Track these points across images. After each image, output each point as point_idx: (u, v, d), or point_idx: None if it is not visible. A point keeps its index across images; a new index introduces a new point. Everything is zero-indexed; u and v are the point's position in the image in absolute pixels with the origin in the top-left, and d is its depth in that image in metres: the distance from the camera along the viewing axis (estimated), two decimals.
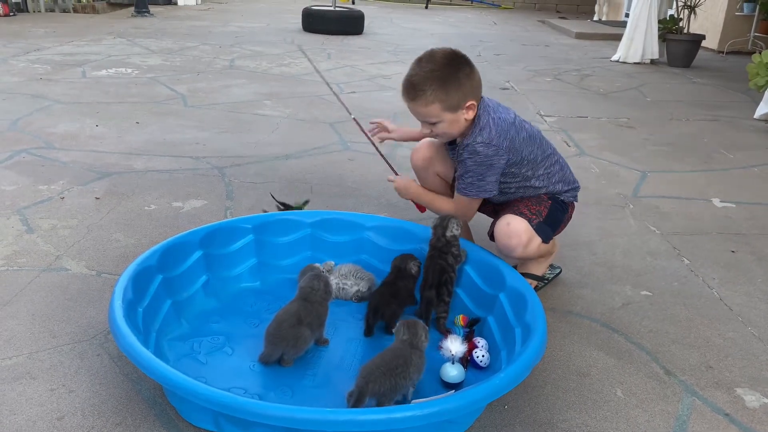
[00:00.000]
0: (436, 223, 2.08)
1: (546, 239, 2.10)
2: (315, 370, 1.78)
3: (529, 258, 2.14)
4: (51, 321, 1.96)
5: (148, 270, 1.91)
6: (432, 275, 2.01)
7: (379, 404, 1.56)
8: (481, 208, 2.33)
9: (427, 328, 1.72)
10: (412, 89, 1.94)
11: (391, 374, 1.57)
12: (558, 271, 2.37)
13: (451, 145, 2.16)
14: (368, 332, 1.97)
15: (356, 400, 1.54)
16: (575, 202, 2.25)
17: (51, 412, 1.59)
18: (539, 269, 2.24)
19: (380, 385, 1.55)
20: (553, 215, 2.13)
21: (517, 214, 2.06)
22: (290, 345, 1.75)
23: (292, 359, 1.78)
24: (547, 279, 2.30)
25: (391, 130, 2.45)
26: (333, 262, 2.24)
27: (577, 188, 2.23)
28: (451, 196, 2.25)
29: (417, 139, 2.39)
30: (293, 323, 1.76)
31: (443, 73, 1.91)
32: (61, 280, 2.20)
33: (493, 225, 2.14)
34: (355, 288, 2.13)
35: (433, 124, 2.00)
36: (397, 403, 1.58)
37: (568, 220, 2.25)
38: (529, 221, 2.05)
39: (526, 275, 2.15)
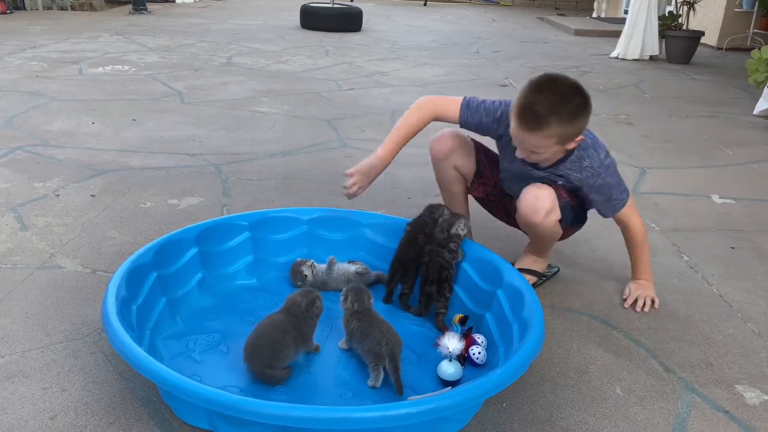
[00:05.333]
0: (444, 217, 2.09)
1: (565, 220, 2.06)
2: (310, 368, 1.76)
3: (544, 235, 2.08)
4: (45, 319, 1.94)
5: (143, 267, 1.89)
6: (431, 271, 2.01)
7: (394, 362, 1.66)
8: (495, 212, 2.33)
9: (370, 293, 1.84)
10: (535, 120, 1.77)
11: (392, 332, 1.72)
12: (556, 270, 2.35)
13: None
14: (388, 299, 2.09)
15: (395, 367, 1.64)
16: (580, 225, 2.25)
17: (43, 411, 1.57)
18: (538, 266, 2.22)
19: (398, 345, 1.69)
20: (576, 211, 2.12)
21: (543, 186, 2.01)
22: (268, 360, 1.68)
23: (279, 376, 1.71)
24: (545, 276, 2.29)
25: (359, 182, 2.10)
26: (334, 257, 2.20)
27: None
28: (466, 192, 2.28)
29: (378, 170, 2.11)
30: (273, 338, 1.69)
31: (572, 107, 1.77)
32: (56, 277, 2.18)
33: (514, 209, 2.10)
34: (354, 268, 2.14)
35: (535, 152, 1.88)
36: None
37: (572, 233, 2.24)
38: (558, 196, 2.01)
39: (523, 271, 2.13)
